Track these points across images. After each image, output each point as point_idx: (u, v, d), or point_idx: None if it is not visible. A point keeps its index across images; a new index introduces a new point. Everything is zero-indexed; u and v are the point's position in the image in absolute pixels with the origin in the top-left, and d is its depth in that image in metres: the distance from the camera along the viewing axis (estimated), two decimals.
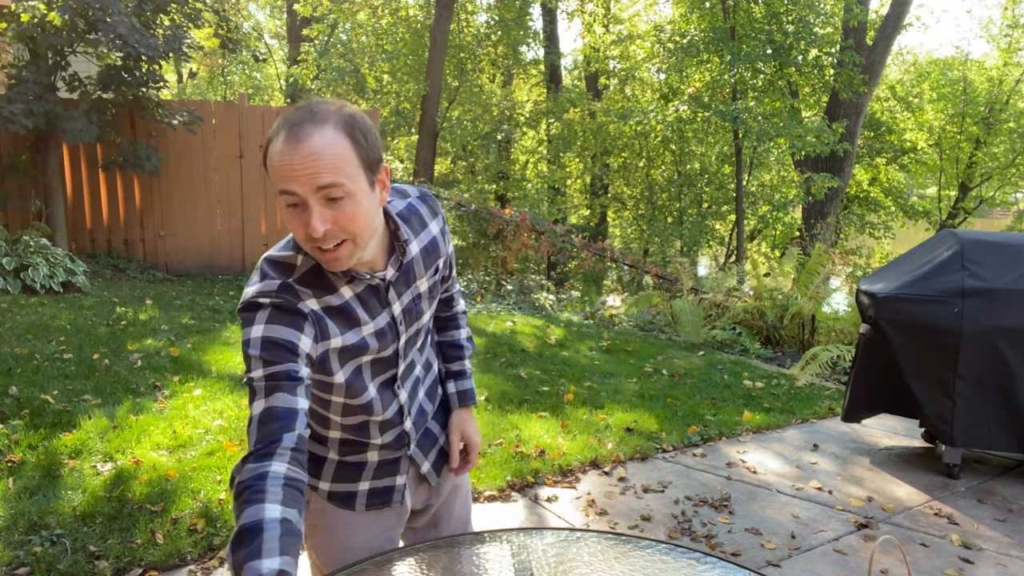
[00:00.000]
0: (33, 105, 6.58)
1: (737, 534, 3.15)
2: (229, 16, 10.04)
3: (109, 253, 8.12)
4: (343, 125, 1.11)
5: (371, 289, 1.28)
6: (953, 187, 17.54)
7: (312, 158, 1.07)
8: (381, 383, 1.38)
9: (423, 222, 1.37)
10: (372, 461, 1.45)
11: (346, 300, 1.25)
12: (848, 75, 11.26)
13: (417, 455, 1.51)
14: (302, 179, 1.08)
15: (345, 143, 1.10)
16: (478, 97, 16.20)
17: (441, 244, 1.41)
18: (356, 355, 1.30)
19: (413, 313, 1.37)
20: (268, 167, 1.13)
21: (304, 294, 1.20)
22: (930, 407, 3.78)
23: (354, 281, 1.26)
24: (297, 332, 1.16)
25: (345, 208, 1.11)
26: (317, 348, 1.21)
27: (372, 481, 1.46)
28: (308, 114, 1.11)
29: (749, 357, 6.53)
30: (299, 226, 1.12)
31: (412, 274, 1.34)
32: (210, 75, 21.09)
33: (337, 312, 1.24)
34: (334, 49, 15.00)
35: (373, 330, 1.29)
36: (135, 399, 4.09)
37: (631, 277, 12.47)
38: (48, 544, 2.64)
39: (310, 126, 1.09)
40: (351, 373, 1.31)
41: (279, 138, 1.10)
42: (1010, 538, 3.20)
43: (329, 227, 1.11)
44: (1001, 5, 17.71)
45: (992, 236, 3.98)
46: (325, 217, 1.10)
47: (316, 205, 1.10)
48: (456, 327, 1.61)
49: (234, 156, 8.43)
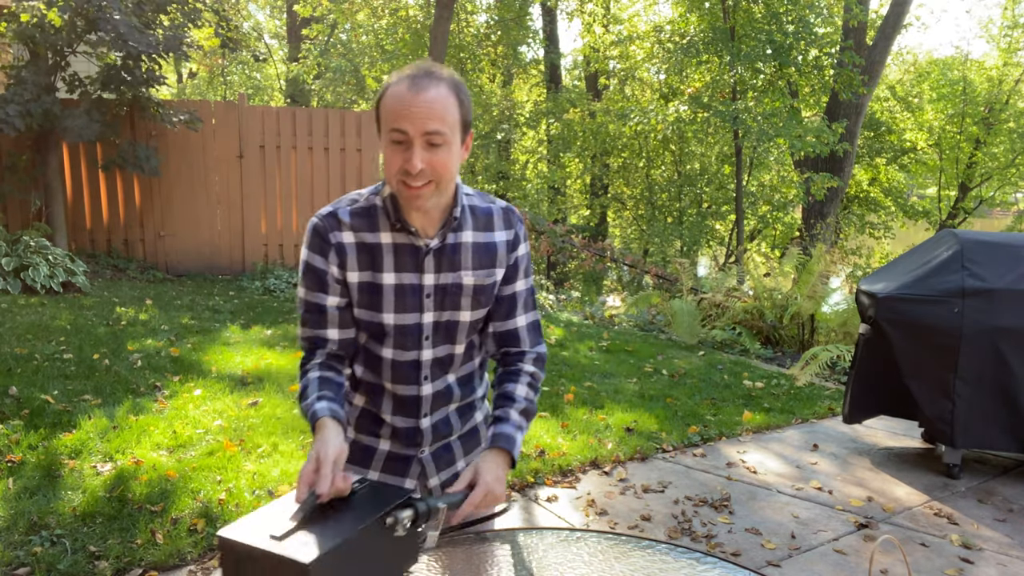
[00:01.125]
0: (30, 106, 6.57)
1: (737, 534, 3.15)
2: (229, 16, 10.04)
3: (109, 253, 8.12)
4: (453, 87, 1.30)
5: (411, 248, 1.39)
6: (953, 187, 17.54)
7: (426, 105, 1.26)
8: (402, 361, 1.43)
9: (490, 225, 1.46)
10: (383, 449, 1.50)
11: (380, 243, 1.38)
12: (848, 75, 11.26)
13: (429, 463, 1.52)
14: (415, 121, 1.25)
15: (453, 101, 1.29)
16: (478, 97, 16.20)
17: (501, 254, 1.46)
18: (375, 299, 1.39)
19: (447, 299, 1.41)
20: (382, 108, 1.30)
21: (344, 224, 1.38)
22: (930, 408, 3.78)
23: (399, 232, 1.38)
24: (325, 259, 1.38)
25: (440, 154, 1.29)
26: (344, 274, 1.39)
27: (381, 474, 1.50)
28: (426, 71, 1.29)
29: (749, 357, 6.54)
30: (398, 161, 1.28)
31: (457, 259, 1.41)
32: (210, 75, 21.09)
33: (366, 250, 1.38)
34: (334, 49, 15.01)
35: (394, 282, 1.39)
36: (135, 399, 4.09)
37: (631, 277, 12.48)
38: (48, 544, 2.64)
39: (427, 80, 1.27)
40: (368, 313, 1.41)
41: (400, 85, 1.28)
42: (1010, 538, 3.20)
43: (423, 167, 1.28)
44: (1001, 5, 17.73)
45: (992, 236, 3.99)
46: (423, 158, 1.27)
47: (419, 146, 1.27)
48: (514, 381, 1.50)
49: (234, 156, 8.43)
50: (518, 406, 1.47)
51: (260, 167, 8.52)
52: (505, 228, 1.47)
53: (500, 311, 1.51)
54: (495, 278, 1.46)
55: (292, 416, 4.06)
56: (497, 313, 1.51)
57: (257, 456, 3.53)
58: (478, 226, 1.44)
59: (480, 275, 1.44)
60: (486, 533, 1.49)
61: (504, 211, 1.48)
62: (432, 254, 1.39)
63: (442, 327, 1.43)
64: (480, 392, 1.59)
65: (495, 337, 1.53)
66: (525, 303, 1.52)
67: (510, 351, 1.54)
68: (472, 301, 1.44)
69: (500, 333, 1.53)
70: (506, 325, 1.52)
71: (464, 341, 1.48)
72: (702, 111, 12.15)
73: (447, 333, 1.44)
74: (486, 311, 1.49)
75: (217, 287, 7.82)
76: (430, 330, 1.42)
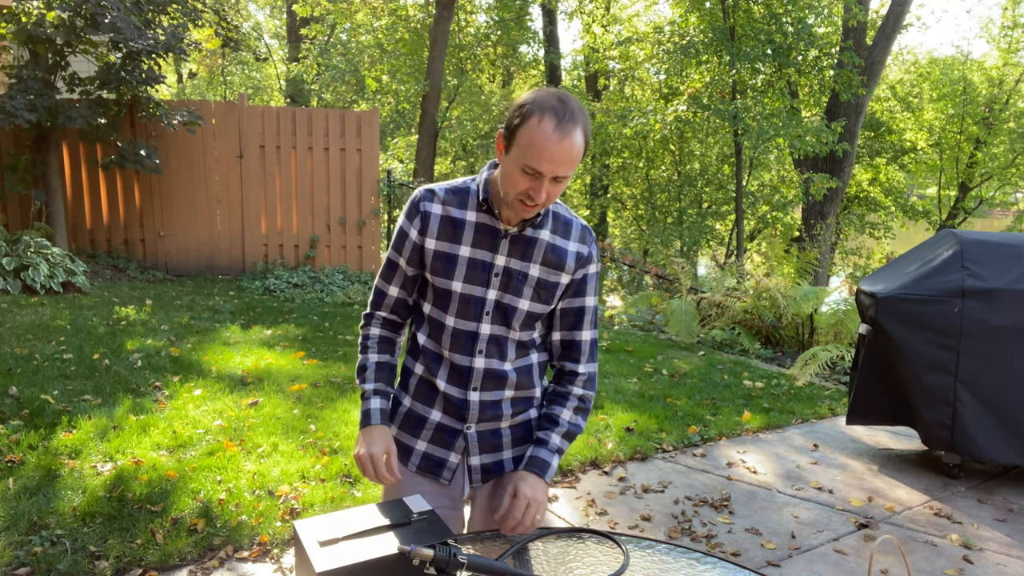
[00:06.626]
0: (35, 100, 6.59)
1: (737, 534, 3.15)
2: (229, 16, 10.04)
3: (109, 253, 8.12)
4: (584, 132, 1.43)
5: (492, 230, 1.54)
6: (953, 187, 17.53)
7: (566, 154, 1.39)
8: (463, 331, 1.57)
9: (568, 233, 1.60)
10: (434, 419, 1.62)
11: (465, 220, 1.55)
12: (848, 76, 11.26)
13: (473, 440, 1.62)
14: (552, 166, 1.39)
15: (582, 149, 1.43)
16: (478, 97, 16.20)
17: (570, 263, 1.59)
18: (448, 267, 1.54)
19: (512, 283, 1.55)
20: (522, 136, 1.40)
21: (437, 197, 1.56)
22: (930, 413, 3.76)
23: (486, 213, 1.54)
24: (411, 224, 1.57)
25: (560, 187, 1.45)
26: (423, 240, 1.55)
27: (428, 444, 1.63)
28: (569, 113, 1.40)
29: (749, 357, 6.53)
30: (525, 185, 1.43)
31: (530, 251, 1.55)
32: (210, 75, 21.09)
33: (449, 223, 1.55)
34: (334, 49, 15.00)
35: (469, 255, 1.54)
36: (135, 399, 4.09)
37: (631, 277, 12.48)
38: (48, 544, 2.64)
39: (571, 126, 1.39)
40: (440, 280, 1.56)
41: (546, 124, 1.38)
42: (1010, 538, 3.20)
43: (545, 198, 1.44)
44: (1001, 5, 17.72)
45: (992, 236, 3.98)
46: (547, 190, 1.43)
47: (547, 182, 1.42)
48: (561, 404, 1.62)
49: (234, 156, 8.43)
50: (560, 429, 1.60)
51: (260, 167, 8.52)
52: (579, 241, 1.60)
53: (567, 321, 1.63)
54: (559, 280, 1.58)
55: (292, 416, 4.06)
56: (564, 323, 1.63)
57: (257, 456, 3.53)
58: (557, 230, 1.58)
59: (546, 271, 1.56)
60: (485, 534, 1.49)
61: (583, 228, 1.62)
62: (509, 239, 1.54)
63: (502, 307, 1.55)
64: (538, 391, 1.67)
65: (558, 345, 1.66)
66: (591, 320, 1.65)
67: (565, 367, 1.65)
68: (533, 292, 1.56)
69: (564, 342, 1.65)
70: (571, 335, 1.64)
71: (518, 330, 1.58)
72: (702, 111, 12.14)
73: (504, 315, 1.56)
74: (544, 309, 1.59)
75: (217, 287, 7.82)
76: (491, 306, 1.55)
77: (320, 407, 4.25)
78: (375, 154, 8.85)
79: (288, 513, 3.02)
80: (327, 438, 3.81)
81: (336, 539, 1.23)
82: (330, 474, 3.40)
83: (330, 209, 8.74)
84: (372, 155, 8.82)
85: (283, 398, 4.34)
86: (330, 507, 3.10)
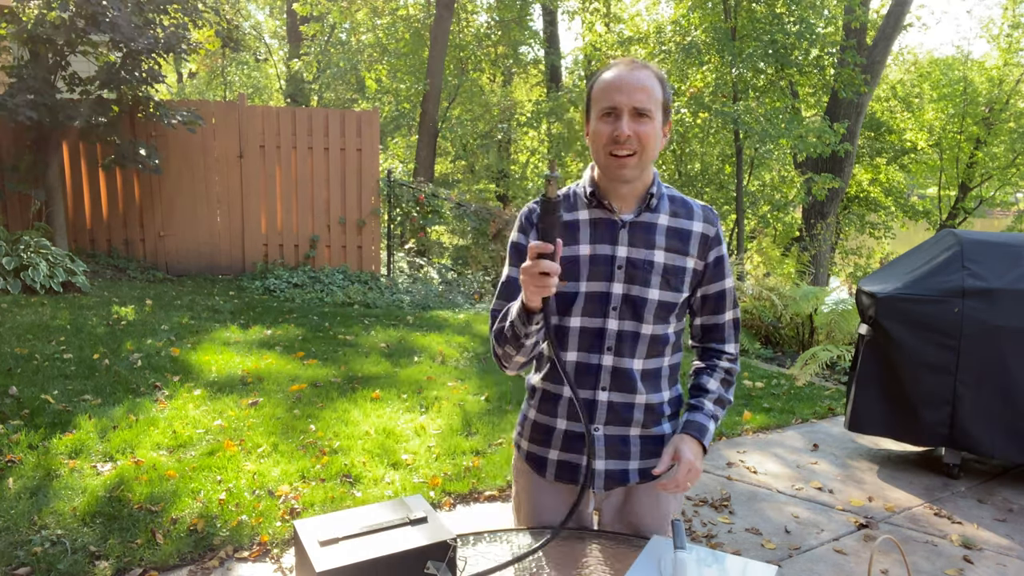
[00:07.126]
0: (36, 99, 6.60)
1: (737, 534, 3.15)
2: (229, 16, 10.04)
3: (109, 253, 8.12)
4: (658, 76, 1.49)
5: (608, 222, 1.53)
6: (953, 187, 17.52)
7: (637, 83, 1.44)
8: (590, 329, 1.53)
9: (689, 214, 1.57)
10: (560, 428, 1.60)
11: (578, 220, 1.54)
12: (849, 74, 11.26)
13: (600, 443, 1.57)
14: (627, 93, 1.43)
15: (658, 86, 1.47)
16: (478, 97, 16.20)
17: (696, 244, 1.55)
18: (571, 269, 1.51)
19: (637, 273, 1.51)
20: (595, 92, 1.49)
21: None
22: (929, 414, 3.75)
23: (597, 208, 1.53)
24: (525, 237, 1.57)
25: (645, 126, 1.45)
26: None
27: (561, 452, 1.60)
28: (634, 61, 1.49)
29: (749, 357, 6.53)
30: (607, 131, 1.45)
31: (651, 237, 1.53)
32: (210, 75, 21.10)
33: (562, 227, 1.52)
34: (334, 49, 15.00)
35: (589, 253, 1.52)
36: (135, 399, 4.09)
37: None
38: (48, 544, 2.64)
39: (637, 65, 1.48)
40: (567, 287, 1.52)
41: (612, 71, 1.48)
42: (1010, 538, 3.20)
43: (630, 135, 1.44)
44: (1001, 5, 17.71)
45: (992, 236, 3.98)
46: (630, 127, 1.44)
47: (627, 117, 1.44)
48: (709, 375, 1.63)
49: (234, 156, 8.43)
50: (712, 396, 1.60)
51: (260, 167, 8.51)
52: (704, 221, 1.57)
53: (708, 306, 1.62)
54: (686, 265, 1.55)
55: (292, 416, 4.06)
56: (706, 308, 1.62)
57: (257, 456, 3.53)
58: (676, 212, 1.56)
59: (671, 256, 1.53)
60: (485, 534, 1.49)
61: (704, 208, 1.60)
62: (627, 228, 1.52)
63: (630, 300, 1.52)
64: (667, 406, 1.62)
65: (702, 329, 1.66)
66: (732, 300, 1.64)
67: (711, 346, 1.66)
68: (662, 280, 1.52)
69: (707, 326, 1.65)
70: (715, 319, 1.64)
71: (651, 322, 1.53)
72: (703, 112, 12.13)
73: (634, 309, 1.52)
74: (676, 297, 1.54)
75: (217, 287, 7.82)
76: (618, 301, 1.52)
77: (320, 407, 4.25)
78: (375, 154, 8.84)
79: (288, 513, 3.02)
80: (327, 438, 3.81)
81: (336, 539, 1.24)
82: (330, 474, 3.40)
83: (330, 209, 8.73)
84: (372, 155, 8.82)
85: (283, 398, 4.34)
86: (330, 507, 3.10)
